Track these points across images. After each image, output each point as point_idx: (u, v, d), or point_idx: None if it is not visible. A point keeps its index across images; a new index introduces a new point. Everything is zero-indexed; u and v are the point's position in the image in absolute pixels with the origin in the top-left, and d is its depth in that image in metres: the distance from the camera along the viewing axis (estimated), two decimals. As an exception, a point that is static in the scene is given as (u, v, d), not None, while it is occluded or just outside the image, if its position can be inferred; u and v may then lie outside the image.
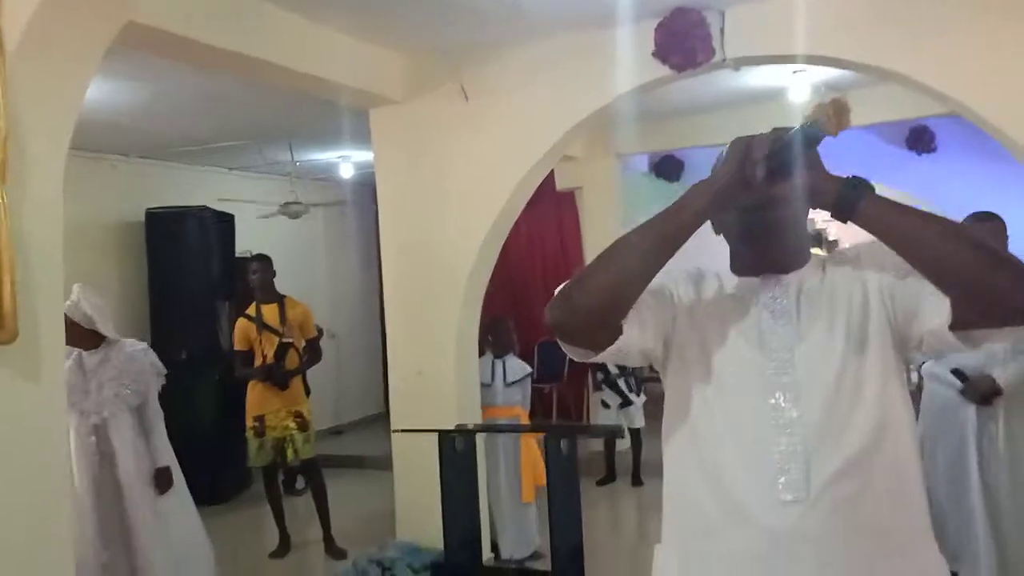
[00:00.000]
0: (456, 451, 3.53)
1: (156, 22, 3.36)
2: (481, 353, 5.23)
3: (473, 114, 4.71)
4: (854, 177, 1.24)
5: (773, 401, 1.28)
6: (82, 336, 4.00)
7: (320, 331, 6.00)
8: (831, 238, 10.01)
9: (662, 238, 1.29)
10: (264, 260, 5.55)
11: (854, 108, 1.20)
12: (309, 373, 5.66)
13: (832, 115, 1.16)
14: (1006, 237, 3.36)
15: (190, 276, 7.06)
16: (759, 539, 1.24)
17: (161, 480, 4.06)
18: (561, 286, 1.34)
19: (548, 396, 8.69)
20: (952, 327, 1.19)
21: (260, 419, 5.41)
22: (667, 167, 8.73)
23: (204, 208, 7.14)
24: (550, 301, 1.32)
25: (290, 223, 8.06)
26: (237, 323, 5.60)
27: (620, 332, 1.30)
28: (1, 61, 2.35)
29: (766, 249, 1.37)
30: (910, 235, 1.20)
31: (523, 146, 4.67)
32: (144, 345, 4.30)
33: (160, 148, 6.98)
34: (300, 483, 6.99)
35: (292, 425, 5.41)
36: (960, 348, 1.23)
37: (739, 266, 1.43)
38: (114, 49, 2.72)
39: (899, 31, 3.89)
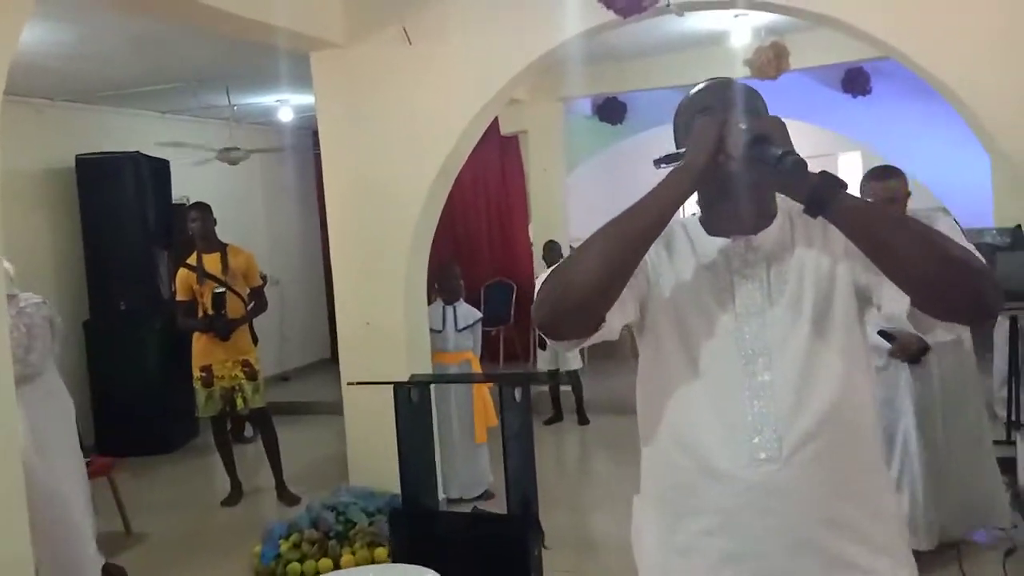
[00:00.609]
0: (412, 402, 3.57)
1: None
2: (430, 301, 5.25)
3: (417, 58, 4.64)
4: (827, 173, 1.24)
5: (746, 364, 1.33)
6: None
7: (264, 278, 5.93)
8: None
9: (645, 228, 1.29)
10: (203, 208, 5.44)
11: (792, 52, 1.23)
12: (255, 321, 5.61)
13: (772, 58, 1.20)
14: (908, 192, 3.36)
15: (125, 225, 6.89)
16: (735, 493, 1.30)
17: None
18: (541, 282, 1.32)
19: (495, 338, 8.78)
20: (908, 316, 1.28)
21: (207, 369, 5.37)
22: (610, 110, 8.74)
23: (137, 153, 6.93)
24: (535, 302, 1.31)
25: (228, 168, 7.89)
26: (178, 273, 5.50)
27: (604, 320, 1.31)
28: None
29: (735, 211, 1.39)
30: (878, 237, 1.22)
31: (468, 91, 4.63)
32: (39, 299, 4.10)
33: (89, 92, 6.72)
34: (249, 431, 6.98)
35: (240, 375, 5.38)
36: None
37: (708, 223, 1.45)
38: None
39: (839, -23, 3.94)
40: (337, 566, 4.02)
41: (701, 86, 1.47)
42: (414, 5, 4.61)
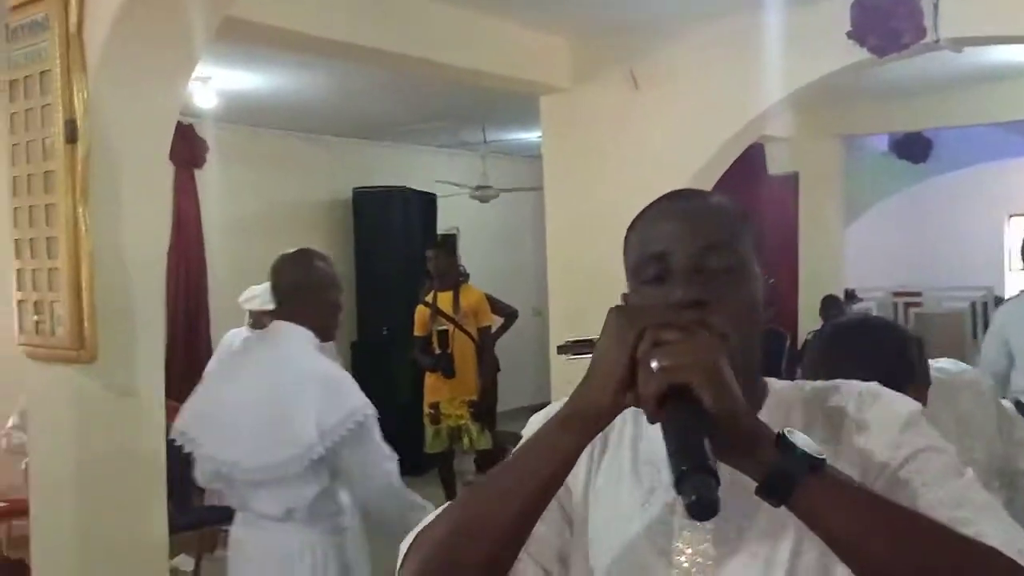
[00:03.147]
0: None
1: (309, 28, 3.37)
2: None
3: (644, 102, 4.34)
4: (791, 446, 0.80)
5: None
6: None
7: (513, 314, 5.90)
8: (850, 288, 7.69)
9: (514, 516, 0.86)
10: (440, 247, 5.55)
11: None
12: (507, 352, 5.56)
13: None
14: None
15: (393, 254, 7.27)
16: None
17: None
18: (408, 545, 0.94)
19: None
20: None
21: (435, 406, 5.45)
22: (911, 147, 7.69)
23: (407, 188, 7.30)
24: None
25: (494, 201, 8.05)
26: (417, 308, 5.65)
27: None
28: (83, 79, 2.39)
29: None
30: (853, 540, 0.79)
31: (696, 138, 4.24)
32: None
33: (366, 128, 7.20)
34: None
35: (465, 414, 5.39)
36: None
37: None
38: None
39: None
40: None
41: (656, 204, 1.01)
42: (642, 45, 4.31)
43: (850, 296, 7.37)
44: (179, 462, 4.52)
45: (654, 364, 0.79)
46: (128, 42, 2.43)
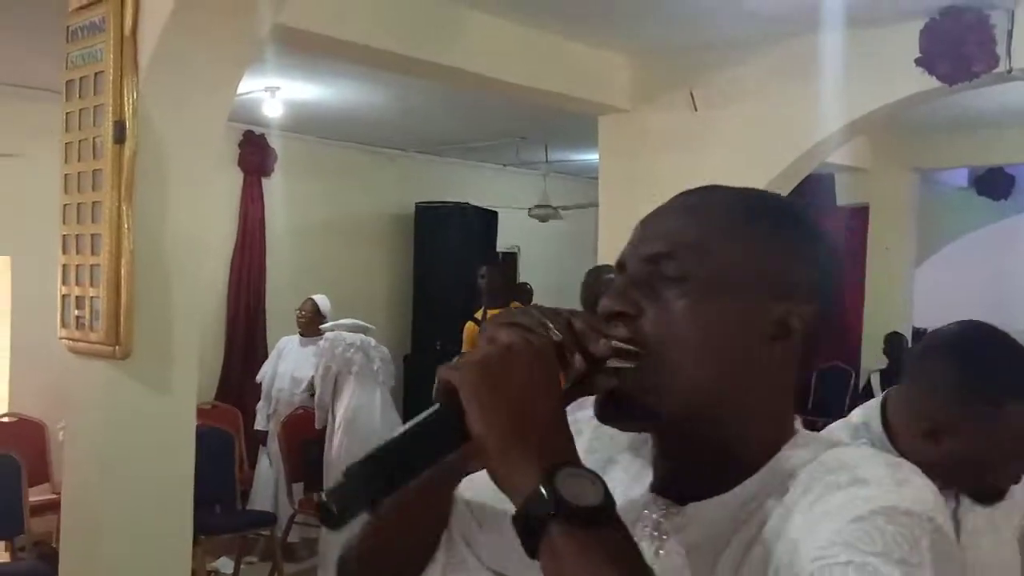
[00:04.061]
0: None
1: (367, 39, 3.41)
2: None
3: (702, 124, 4.25)
4: (536, 490, 0.64)
5: None
6: None
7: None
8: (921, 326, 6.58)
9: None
10: (492, 267, 5.54)
11: None
12: None
13: None
14: None
15: (451, 270, 7.29)
16: None
17: None
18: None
19: (823, 429, 7.84)
20: None
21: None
22: (992, 183, 7.38)
23: (468, 205, 7.32)
24: None
25: (557, 219, 8.01)
26: (466, 326, 5.64)
27: None
28: (134, 81, 2.45)
29: (660, 462, 0.81)
30: None
31: (755, 163, 4.11)
32: (355, 339, 4.61)
33: (430, 144, 7.26)
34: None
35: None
36: None
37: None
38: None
39: None
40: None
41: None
42: (703, 66, 4.23)
43: (920, 335, 7.07)
44: (229, 464, 4.65)
45: (454, 360, 0.71)
46: (178, 46, 2.48)
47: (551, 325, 0.72)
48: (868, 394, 6.26)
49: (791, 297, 0.76)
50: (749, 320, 0.75)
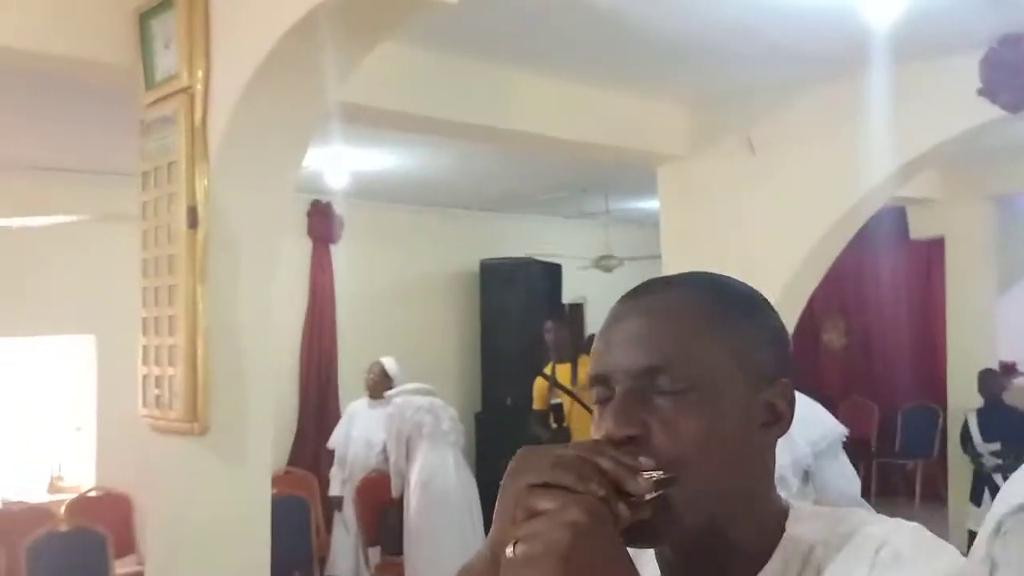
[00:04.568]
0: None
1: (421, 109, 3.51)
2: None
3: (761, 168, 4.22)
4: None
5: None
6: None
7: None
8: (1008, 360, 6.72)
9: None
10: (558, 319, 5.54)
11: None
12: None
13: None
14: None
15: (518, 325, 7.31)
16: None
17: None
18: None
19: (912, 473, 7.55)
20: None
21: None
22: (1074, 207, 7.09)
23: (532, 259, 7.37)
24: None
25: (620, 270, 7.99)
26: (536, 381, 5.63)
27: None
28: (205, 168, 2.56)
29: (673, 560, 0.81)
30: None
31: (818, 204, 4.07)
32: (423, 401, 4.62)
33: (491, 201, 7.35)
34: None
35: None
36: None
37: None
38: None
39: None
40: None
41: (616, 304, 0.84)
42: (759, 110, 4.23)
43: (1008, 369, 6.79)
44: (306, 530, 4.72)
45: (508, 551, 0.66)
46: (245, 132, 2.59)
47: (592, 483, 0.69)
48: (967, 436, 5.98)
49: (770, 380, 0.79)
50: (746, 415, 0.77)
